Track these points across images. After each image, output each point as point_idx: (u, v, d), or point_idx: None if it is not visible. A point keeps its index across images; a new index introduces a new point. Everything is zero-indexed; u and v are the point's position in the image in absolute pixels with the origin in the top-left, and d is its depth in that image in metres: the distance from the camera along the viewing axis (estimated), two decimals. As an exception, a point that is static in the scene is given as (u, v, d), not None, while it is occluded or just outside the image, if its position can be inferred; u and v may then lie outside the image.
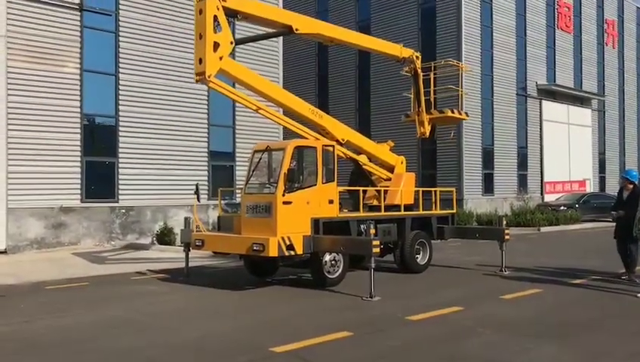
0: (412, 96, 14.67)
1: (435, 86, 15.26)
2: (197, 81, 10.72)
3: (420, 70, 14.17)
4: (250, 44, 18.41)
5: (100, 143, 17.46)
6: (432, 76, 15.14)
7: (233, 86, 12.03)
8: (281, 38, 21.11)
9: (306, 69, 34.01)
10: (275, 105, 12.21)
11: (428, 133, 14.66)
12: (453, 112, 14.87)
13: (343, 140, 12.19)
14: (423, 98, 14.33)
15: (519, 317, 8.07)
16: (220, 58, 10.36)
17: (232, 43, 10.62)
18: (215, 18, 10.29)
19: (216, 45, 10.27)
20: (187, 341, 6.96)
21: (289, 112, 12.13)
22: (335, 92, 32.95)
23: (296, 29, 11.60)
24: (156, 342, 6.93)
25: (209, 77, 10.25)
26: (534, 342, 6.76)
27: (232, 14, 10.82)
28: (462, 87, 16.31)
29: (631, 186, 11.01)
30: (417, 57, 14.08)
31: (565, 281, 10.94)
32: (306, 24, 12.06)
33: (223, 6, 10.42)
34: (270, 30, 12.80)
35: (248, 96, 11.63)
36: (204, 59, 10.21)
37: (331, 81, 33.43)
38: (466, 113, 15.60)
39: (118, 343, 6.85)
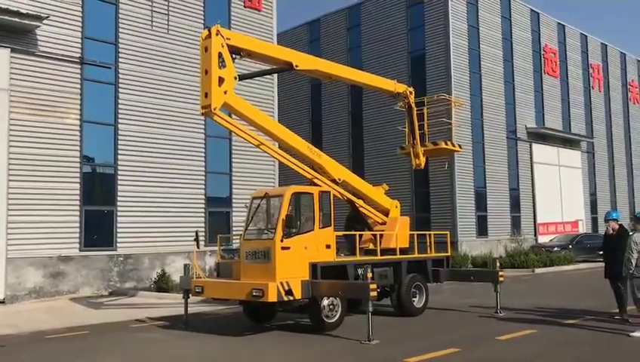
0: (406, 129, 15.19)
1: (428, 120, 15.77)
2: (202, 115, 11.24)
3: (413, 104, 14.74)
4: (245, 89, 18.98)
5: (99, 192, 17.75)
6: (425, 110, 15.69)
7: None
8: (275, 84, 21.82)
9: (300, 116, 34.62)
10: (273, 141, 12.60)
11: (423, 165, 15.18)
12: (446, 144, 15.40)
13: (339, 180, 12.53)
14: (417, 131, 14.85)
15: (515, 358, 8.25)
16: (225, 92, 10.87)
17: (235, 78, 11.18)
18: (220, 55, 10.84)
19: (221, 80, 10.83)
20: (190, 386, 7.09)
21: (287, 150, 12.46)
22: (329, 137, 33.48)
23: (296, 66, 12.18)
24: (160, 388, 7.06)
25: (214, 109, 10.74)
26: (530, 382, 6.94)
27: (235, 52, 11.39)
28: (453, 120, 16.84)
29: (617, 226, 11.36)
30: (411, 92, 14.71)
31: (559, 322, 11.11)
32: (305, 61, 12.67)
33: (227, 44, 11.01)
34: (272, 67, 13.34)
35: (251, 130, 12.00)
36: (210, 93, 10.73)
37: (325, 127, 34.01)
38: (459, 145, 16.11)
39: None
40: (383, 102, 27.97)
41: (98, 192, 17.74)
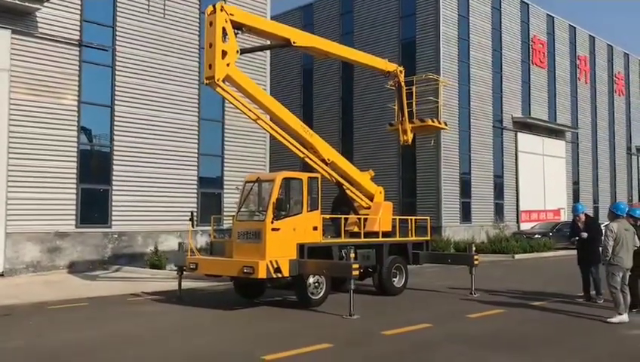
0: (396, 107, 15.94)
1: (416, 98, 16.52)
2: (206, 85, 11.93)
3: (403, 83, 15.51)
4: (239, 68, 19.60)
5: (95, 171, 18.30)
6: (414, 89, 16.46)
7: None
8: (268, 70, 22.34)
9: (291, 101, 35.00)
10: (269, 116, 13.29)
11: (410, 141, 16.01)
12: (433, 121, 16.19)
13: (329, 160, 13.25)
14: (405, 108, 15.62)
15: (482, 333, 9.05)
16: (228, 65, 11.58)
17: (238, 52, 11.90)
18: (223, 30, 11.54)
19: (224, 53, 11.53)
20: (186, 351, 7.82)
21: (281, 126, 13.05)
22: (319, 122, 34.00)
23: (294, 42, 12.94)
24: (159, 353, 7.81)
25: (217, 80, 11.44)
26: (492, 354, 7.75)
27: (238, 27, 12.10)
28: (441, 99, 17.61)
29: (583, 218, 12.21)
30: (401, 71, 15.51)
31: (528, 303, 11.91)
32: (302, 38, 13.44)
33: (230, 19, 11.71)
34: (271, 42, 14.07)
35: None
36: (214, 64, 11.45)
37: (315, 112, 34.58)
38: (445, 123, 16.86)
39: (128, 353, 7.74)
40: (374, 88, 28.64)
41: (94, 171, 18.29)
